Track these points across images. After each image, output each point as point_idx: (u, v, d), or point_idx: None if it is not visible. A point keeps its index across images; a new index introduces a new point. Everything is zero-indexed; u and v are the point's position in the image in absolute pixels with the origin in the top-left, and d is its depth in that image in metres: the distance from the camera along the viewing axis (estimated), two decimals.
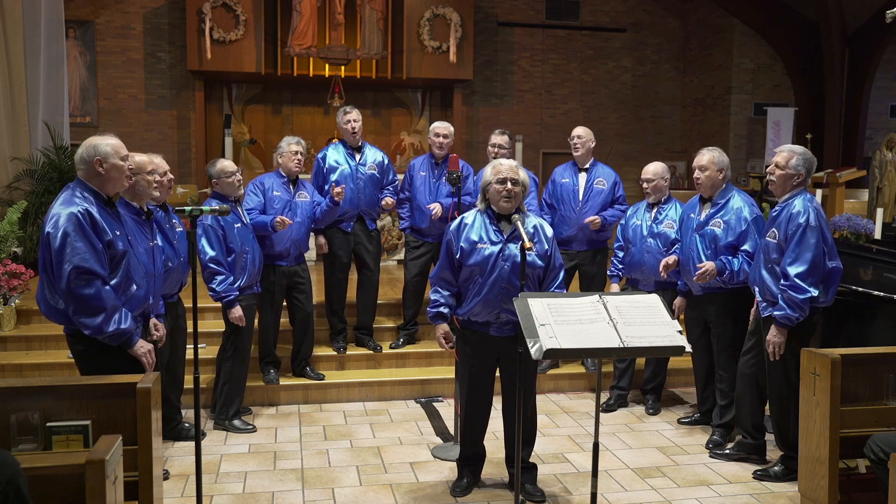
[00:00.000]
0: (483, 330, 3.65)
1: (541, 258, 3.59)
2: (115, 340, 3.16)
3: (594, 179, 5.44)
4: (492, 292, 3.54)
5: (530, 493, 3.77)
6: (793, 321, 3.77)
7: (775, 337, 3.83)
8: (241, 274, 4.55)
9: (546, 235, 3.64)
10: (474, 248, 3.57)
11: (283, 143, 5.06)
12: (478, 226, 3.61)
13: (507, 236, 3.55)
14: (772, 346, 3.84)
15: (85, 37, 11.34)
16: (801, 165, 3.87)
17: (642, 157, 12.14)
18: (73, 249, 3.04)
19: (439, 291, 3.70)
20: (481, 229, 3.60)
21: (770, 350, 3.86)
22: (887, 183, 8.23)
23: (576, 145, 5.44)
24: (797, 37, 12.02)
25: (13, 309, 5.65)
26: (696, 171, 4.45)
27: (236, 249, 4.52)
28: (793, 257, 3.75)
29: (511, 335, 3.59)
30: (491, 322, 3.62)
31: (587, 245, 5.44)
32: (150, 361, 3.29)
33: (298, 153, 5.01)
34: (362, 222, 5.50)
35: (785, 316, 3.76)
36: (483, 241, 3.56)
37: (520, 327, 3.33)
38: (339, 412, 5.11)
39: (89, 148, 3.19)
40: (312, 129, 12.08)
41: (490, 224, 3.60)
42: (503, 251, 3.54)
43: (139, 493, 2.93)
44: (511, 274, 3.51)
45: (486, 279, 3.55)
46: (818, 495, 3.47)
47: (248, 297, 4.64)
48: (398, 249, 8.28)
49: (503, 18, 12.70)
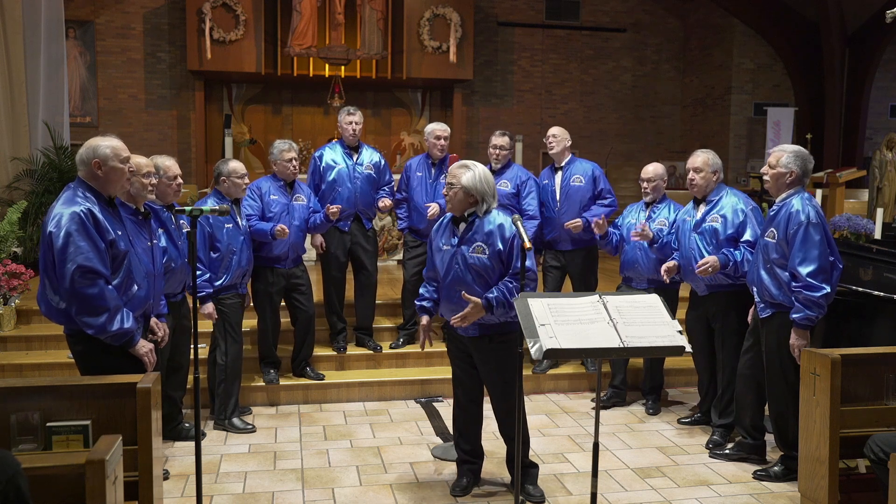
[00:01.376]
0: (452, 330, 3.72)
1: (491, 258, 3.53)
2: (117, 340, 3.16)
3: (570, 177, 5.36)
4: (450, 293, 3.61)
5: (530, 493, 3.77)
6: (813, 321, 3.74)
7: (797, 340, 3.78)
8: (225, 273, 4.58)
9: (503, 236, 3.54)
10: (439, 249, 3.68)
11: (276, 150, 5.01)
12: (443, 228, 3.73)
13: (460, 238, 3.59)
14: (797, 350, 3.79)
15: (85, 37, 11.34)
16: (792, 163, 3.86)
17: (642, 157, 12.15)
18: (76, 249, 3.03)
19: (427, 287, 3.83)
20: (445, 231, 3.70)
21: (796, 355, 3.82)
22: (887, 183, 8.23)
23: (550, 144, 5.42)
24: (797, 37, 12.03)
25: (13, 309, 5.65)
26: (690, 173, 4.46)
27: (222, 249, 4.54)
28: (801, 257, 3.73)
29: (475, 335, 3.62)
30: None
31: (572, 245, 5.38)
32: (151, 361, 3.29)
33: (293, 159, 5.01)
34: (359, 221, 5.50)
35: (805, 317, 3.73)
36: (445, 244, 3.65)
37: (484, 328, 3.51)
38: (339, 412, 5.11)
39: (89, 150, 3.18)
40: (312, 129, 12.09)
41: (449, 226, 3.68)
42: (455, 254, 3.58)
43: (139, 493, 2.93)
44: (465, 275, 3.54)
45: (444, 280, 3.64)
46: (818, 495, 3.47)
47: (232, 296, 4.66)
48: (397, 249, 8.28)
49: (503, 18, 12.70)
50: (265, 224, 4.85)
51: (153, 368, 3.32)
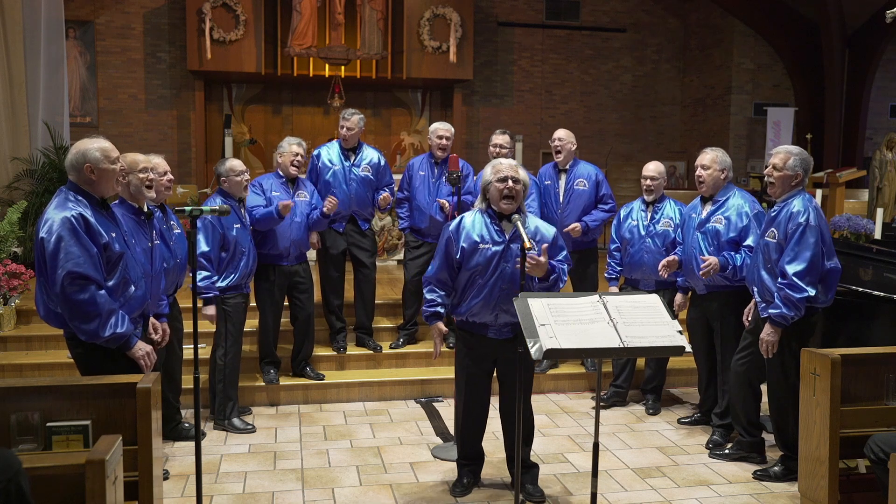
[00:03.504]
0: (481, 332, 3.64)
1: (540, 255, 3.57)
2: (112, 344, 3.15)
3: (574, 181, 5.38)
4: (492, 293, 3.53)
5: (530, 493, 3.77)
6: (788, 320, 3.77)
7: (769, 336, 3.82)
8: (233, 274, 4.58)
9: (546, 236, 3.62)
10: (476, 248, 3.54)
11: (285, 143, 5.07)
12: (479, 226, 3.59)
13: (510, 236, 3.54)
14: (765, 344, 3.84)
15: (85, 37, 11.34)
16: (799, 166, 3.87)
17: (642, 157, 12.13)
18: (66, 254, 3.02)
19: (435, 291, 3.67)
20: (483, 229, 3.57)
21: (763, 349, 3.86)
22: (887, 183, 8.23)
23: (556, 148, 5.41)
24: (797, 37, 12.02)
25: (13, 309, 5.65)
26: (698, 170, 4.45)
27: (232, 249, 4.55)
28: (791, 256, 3.75)
29: (509, 337, 3.58)
30: (489, 324, 3.61)
31: (572, 247, 5.38)
32: (148, 364, 3.27)
33: (299, 154, 5.02)
34: (354, 223, 5.50)
35: (780, 314, 3.76)
36: (485, 242, 3.54)
37: (518, 329, 3.28)
38: (339, 412, 5.11)
39: (78, 154, 3.16)
40: (312, 129, 12.07)
41: (491, 224, 3.58)
42: (506, 252, 3.53)
43: (139, 493, 2.93)
44: (513, 274, 3.50)
45: (486, 280, 3.53)
46: (818, 495, 3.47)
47: (237, 296, 4.66)
48: (398, 249, 8.28)
49: (503, 18, 12.70)
50: (269, 207, 4.82)
51: (151, 370, 3.31)
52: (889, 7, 7.21)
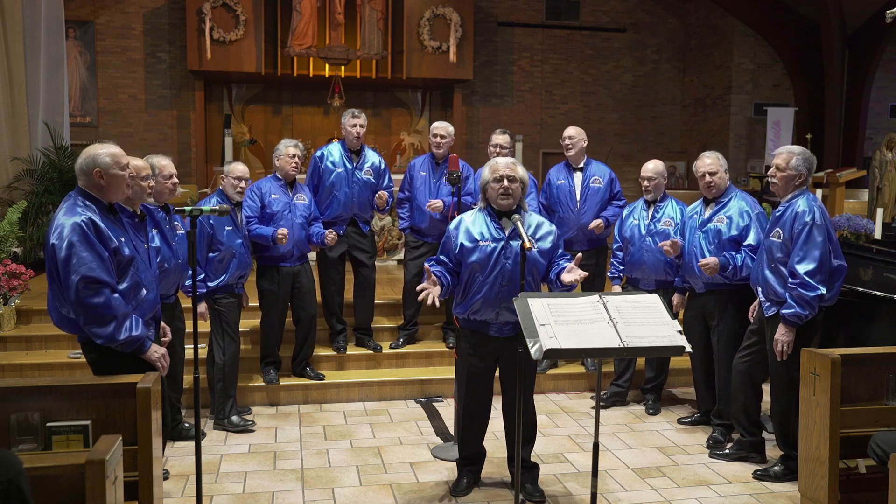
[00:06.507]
0: (482, 330, 3.65)
1: (543, 256, 3.59)
2: (127, 347, 3.14)
3: (590, 178, 5.43)
4: (492, 290, 3.54)
5: (530, 493, 3.77)
6: (802, 319, 3.77)
7: (784, 336, 3.82)
8: (222, 274, 4.60)
9: (547, 233, 3.64)
10: (476, 245, 3.56)
11: (281, 146, 5.07)
12: (479, 224, 3.61)
13: (509, 233, 3.56)
14: (780, 345, 3.83)
15: (85, 37, 11.33)
16: (802, 165, 3.88)
17: (642, 157, 12.06)
18: (79, 259, 3.02)
19: (435, 265, 3.60)
20: (482, 227, 3.60)
21: (778, 350, 3.85)
22: (887, 183, 8.23)
23: (567, 146, 5.44)
24: (797, 37, 12.02)
25: (13, 309, 5.65)
26: (706, 177, 4.43)
27: (222, 250, 4.57)
28: (801, 255, 3.75)
29: (511, 335, 3.59)
30: (490, 322, 3.62)
31: (587, 245, 5.44)
32: (164, 366, 3.27)
33: (296, 157, 5.02)
34: (355, 224, 5.51)
35: (794, 314, 3.76)
36: (485, 239, 3.56)
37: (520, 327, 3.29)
38: (339, 412, 5.11)
39: (88, 159, 3.16)
40: (312, 129, 12.08)
41: (491, 222, 3.60)
42: (505, 248, 3.54)
43: (139, 493, 2.93)
44: (513, 271, 3.51)
45: (486, 277, 3.55)
46: (818, 495, 3.47)
47: (228, 296, 4.67)
48: (398, 249, 8.28)
49: (503, 18, 12.70)
50: (266, 228, 4.85)
51: (167, 372, 3.31)
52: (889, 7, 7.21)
